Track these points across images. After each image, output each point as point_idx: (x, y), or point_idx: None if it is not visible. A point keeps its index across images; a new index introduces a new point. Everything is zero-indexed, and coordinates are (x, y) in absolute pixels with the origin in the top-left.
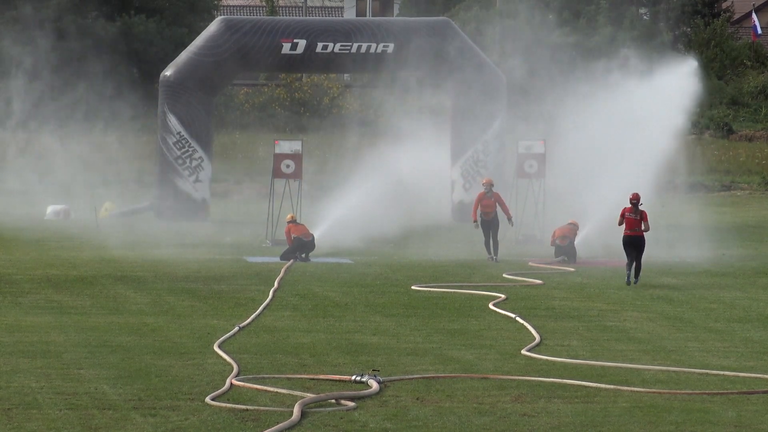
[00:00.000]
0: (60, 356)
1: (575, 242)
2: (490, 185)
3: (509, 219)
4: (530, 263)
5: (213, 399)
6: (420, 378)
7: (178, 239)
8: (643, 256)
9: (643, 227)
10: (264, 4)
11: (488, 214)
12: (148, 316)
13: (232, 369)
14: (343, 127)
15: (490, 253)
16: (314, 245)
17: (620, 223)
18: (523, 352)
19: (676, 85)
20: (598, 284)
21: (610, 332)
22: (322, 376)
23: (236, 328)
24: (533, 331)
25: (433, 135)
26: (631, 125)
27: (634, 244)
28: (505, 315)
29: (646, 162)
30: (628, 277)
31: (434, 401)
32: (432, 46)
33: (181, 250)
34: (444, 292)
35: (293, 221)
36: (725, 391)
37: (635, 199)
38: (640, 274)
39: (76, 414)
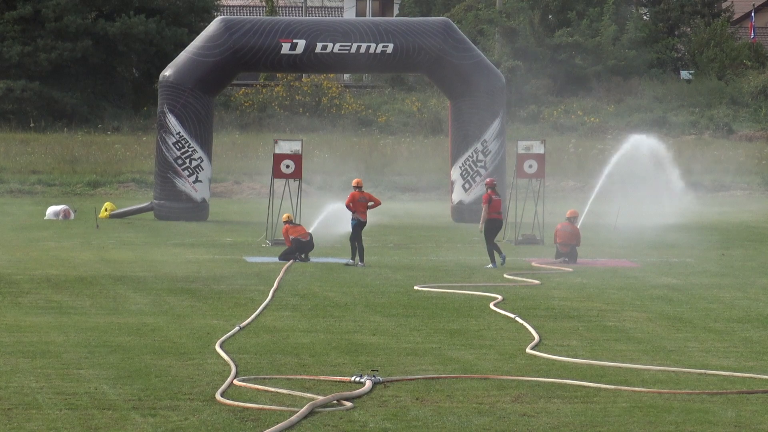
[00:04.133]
0: (60, 356)
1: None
2: (359, 185)
3: (374, 206)
4: (532, 263)
5: (222, 395)
6: (420, 378)
7: (178, 239)
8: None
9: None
10: (263, 4)
11: (362, 215)
12: (147, 316)
13: (231, 369)
14: (343, 127)
15: (355, 258)
16: (313, 245)
17: (488, 208)
18: (528, 350)
19: None
20: (598, 284)
21: (609, 332)
22: (322, 377)
23: (236, 328)
24: (532, 331)
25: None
26: None
27: (499, 227)
28: (504, 315)
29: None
30: (503, 258)
31: (434, 401)
32: (432, 46)
33: (181, 250)
34: (445, 292)
35: (290, 221)
36: (725, 391)
37: (495, 184)
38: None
39: (75, 414)
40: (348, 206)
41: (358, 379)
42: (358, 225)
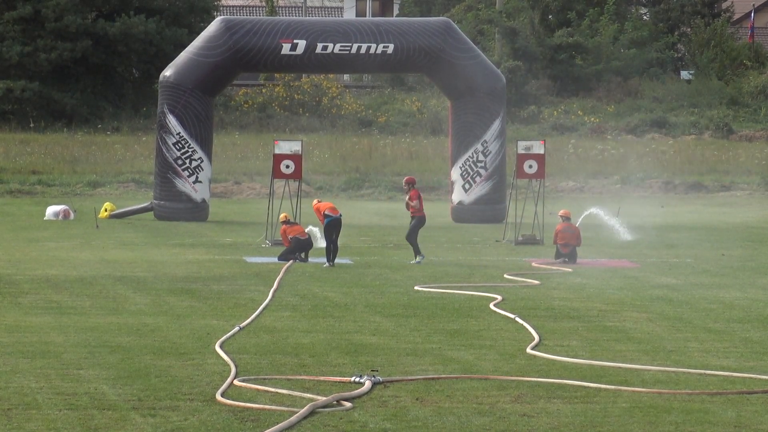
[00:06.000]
0: (59, 356)
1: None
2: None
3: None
4: (533, 263)
5: (222, 395)
6: (420, 379)
7: (178, 239)
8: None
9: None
10: (264, 4)
11: (334, 211)
12: (147, 316)
13: (231, 369)
14: (343, 127)
15: (329, 259)
16: (312, 243)
17: (418, 204)
18: (528, 350)
19: None
20: (598, 284)
21: (609, 332)
22: (322, 378)
23: (236, 328)
24: (532, 332)
25: None
26: None
27: (423, 224)
28: (504, 315)
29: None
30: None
31: (434, 401)
32: (432, 47)
33: (181, 250)
34: (445, 292)
35: (287, 222)
36: (725, 391)
37: (415, 181)
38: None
39: (75, 414)
40: (324, 216)
41: (357, 379)
42: (336, 222)
